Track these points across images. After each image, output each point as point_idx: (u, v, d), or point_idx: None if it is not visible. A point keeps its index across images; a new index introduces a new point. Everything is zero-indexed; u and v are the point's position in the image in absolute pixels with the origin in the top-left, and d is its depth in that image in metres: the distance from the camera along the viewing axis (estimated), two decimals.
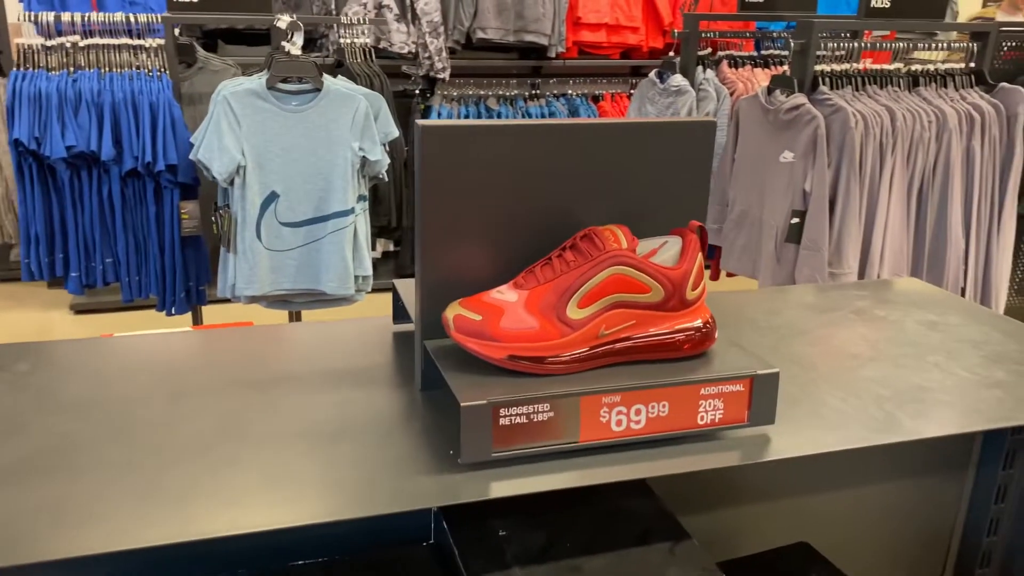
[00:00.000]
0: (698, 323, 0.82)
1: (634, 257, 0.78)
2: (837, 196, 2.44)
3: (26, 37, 2.45)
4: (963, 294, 2.60)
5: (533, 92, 4.43)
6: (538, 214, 0.86)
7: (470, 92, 4.30)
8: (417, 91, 4.23)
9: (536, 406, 0.76)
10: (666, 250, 0.82)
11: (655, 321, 0.81)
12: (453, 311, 0.79)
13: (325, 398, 0.88)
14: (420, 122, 0.81)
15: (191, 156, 2.26)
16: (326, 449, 0.78)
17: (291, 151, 2.26)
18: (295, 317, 2.69)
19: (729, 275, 2.91)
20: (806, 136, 2.43)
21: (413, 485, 0.73)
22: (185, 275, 2.49)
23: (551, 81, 4.58)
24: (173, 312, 2.51)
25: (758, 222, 2.65)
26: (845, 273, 2.46)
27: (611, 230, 0.81)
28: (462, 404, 0.73)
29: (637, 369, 0.81)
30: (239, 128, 2.23)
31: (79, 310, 4.14)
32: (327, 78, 2.30)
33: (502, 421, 0.75)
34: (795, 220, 2.47)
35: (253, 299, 2.36)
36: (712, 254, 3.00)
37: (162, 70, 2.41)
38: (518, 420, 0.75)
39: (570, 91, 4.46)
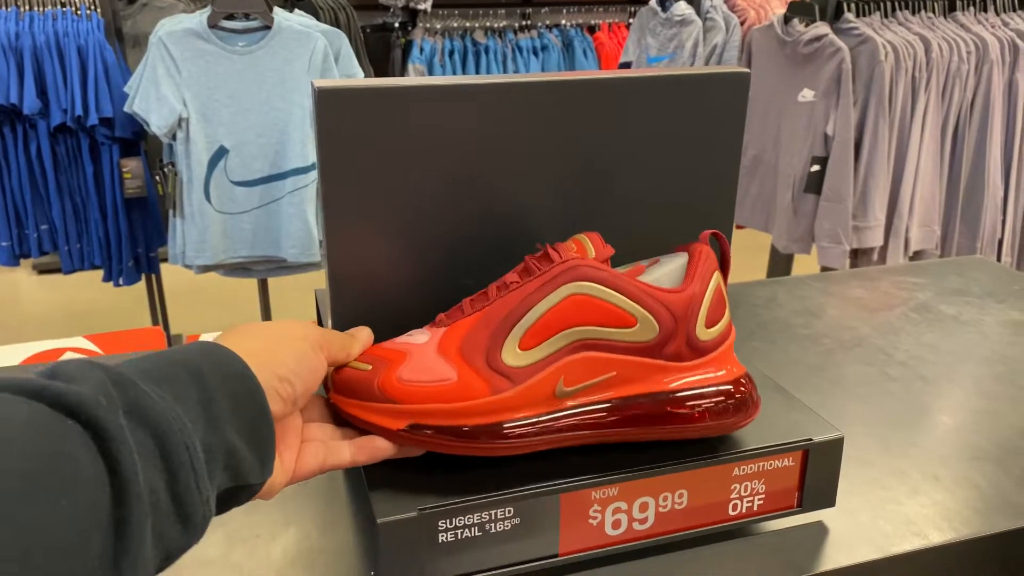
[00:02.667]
0: (723, 384, 0.54)
1: (602, 268, 0.51)
2: (863, 140, 2.16)
3: None
4: (1000, 247, 2.34)
5: (524, 23, 4.08)
6: (492, 212, 0.60)
7: (455, 24, 3.96)
8: (397, 24, 3.90)
9: (493, 512, 0.51)
10: (659, 268, 0.55)
11: (648, 375, 0.52)
12: None
13: None
14: (317, 83, 0.55)
15: (126, 108, 1.97)
16: None
17: (240, 99, 1.98)
18: (262, 286, 2.43)
19: (739, 227, 2.64)
20: (829, 71, 2.14)
21: None
22: (132, 241, 2.22)
23: (543, 11, 4.23)
24: (121, 283, 2.25)
25: (772, 170, 2.37)
26: (871, 226, 2.20)
27: (576, 239, 0.54)
28: (379, 520, 0.48)
29: (626, 444, 0.56)
30: (179, 74, 1.93)
31: (43, 270, 3.88)
32: (279, 13, 1.99)
33: (442, 537, 0.50)
34: (815, 168, 2.20)
35: (206, 268, 2.10)
36: None
37: (92, 7, 2.10)
38: (467, 534, 0.51)
39: (564, 21, 4.11)
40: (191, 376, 0.39)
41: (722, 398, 0.54)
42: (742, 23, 2.64)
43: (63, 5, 2.08)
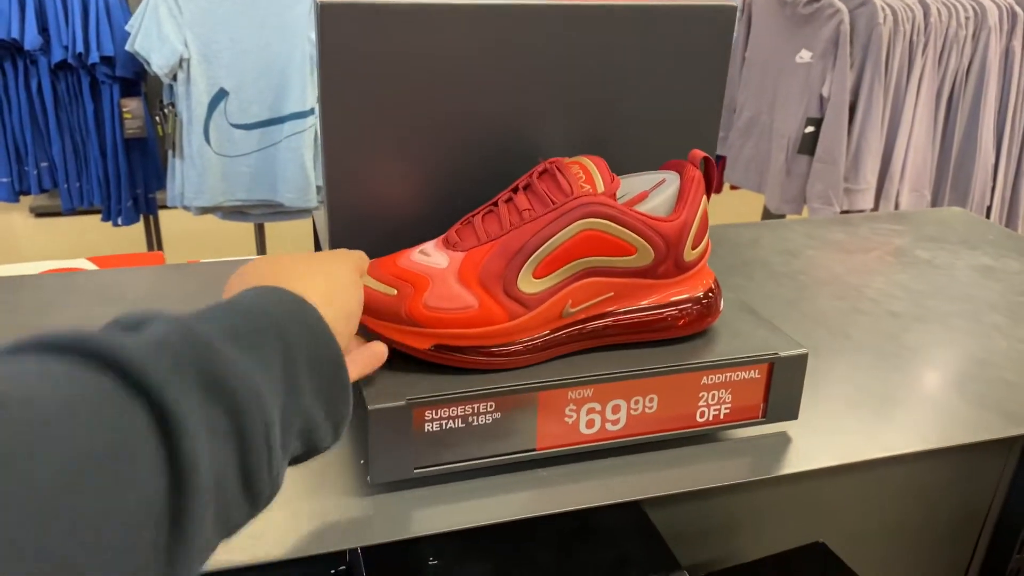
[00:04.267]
0: (697, 294, 0.60)
1: (614, 206, 0.55)
2: (858, 102, 2.17)
3: None
4: (988, 213, 2.37)
5: None
6: (487, 132, 0.64)
7: None
8: None
9: (476, 405, 0.55)
10: (660, 192, 0.59)
11: (640, 292, 0.59)
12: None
13: None
14: (323, 0, 0.57)
15: (127, 47, 1.98)
16: None
17: (241, 42, 1.98)
18: (259, 231, 2.46)
19: (733, 188, 2.67)
20: (827, 33, 2.15)
21: (306, 512, 0.53)
22: (131, 181, 2.24)
23: None
24: (120, 222, 2.27)
25: (768, 130, 2.39)
26: (862, 189, 2.23)
27: (581, 164, 0.58)
28: (370, 407, 0.52)
29: (615, 351, 0.60)
30: (180, 15, 1.94)
31: (40, 213, 3.89)
32: None
33: (428, 427, 0.54)
34: (809, 129, 2.22)
35: (205, 210, 2.13)
36: (716, 164, 2.75)
37: None
38: (451, 425, 0.55)
39: None
40: (279, 340, 0.37)
41: (696, 305, 0.60)
42: None
43: None
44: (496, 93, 0.63)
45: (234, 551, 0.49)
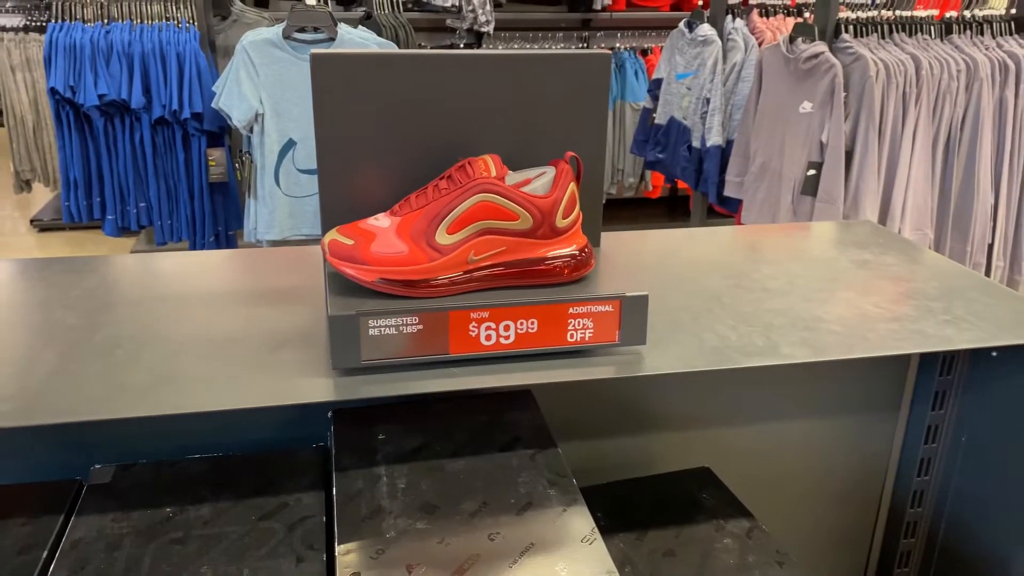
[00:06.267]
0: (571, 250, 0.86)
1: (500, 185, 0.82)
2: (855, 148, 2.38)
3: None
4: (990, 251, 2.52)
5: (581, 46, 4.40)
6: (432, 144, 0.91)
7: (516, 46, 4.31)
8: (462, 45, 4.26)
9: (405, 318, 0.81)
10: (541, 179, 0.86)
11: (526, 248, 0.85)
12: (329, 237, 0.85)
13: (239, 312, 0.95)
14: (314, 51, 0.87)
15: (213, 104, 2.36)
16: (223, 353, 0.85)
17: (307, 99, 2.34)
18: None
19: None
20: (824, 86, 2.38)
21: (290, 385, 0.80)
22: (214, 220, 2.61)
23: (599, 35, 4.55)
24: None
25: (777, 175, 2.61)
26: None
27: (484, 160, 0.85)
28: (330, 314, 0.79)
29: (512, 291, 0.85)
30: (257, 77, 2.31)
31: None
32: (343, 27, 2.36)
33: (371, 331, 0.81)
34: (811, 172, 2.43)
35: (273, 243, 2.47)
36: (736, 208, 2.97)
37: (191, 21, 2.51)
38: (387, 331, 0.81)
39: (619, 45, 4.42)
40: None
41: (572, 260, 0.85)
42: (760, 44, 2.89)
43: (168, 19, 2.49)
44: (442, 116, 0.90)
45: (222, 399, 0.76)
